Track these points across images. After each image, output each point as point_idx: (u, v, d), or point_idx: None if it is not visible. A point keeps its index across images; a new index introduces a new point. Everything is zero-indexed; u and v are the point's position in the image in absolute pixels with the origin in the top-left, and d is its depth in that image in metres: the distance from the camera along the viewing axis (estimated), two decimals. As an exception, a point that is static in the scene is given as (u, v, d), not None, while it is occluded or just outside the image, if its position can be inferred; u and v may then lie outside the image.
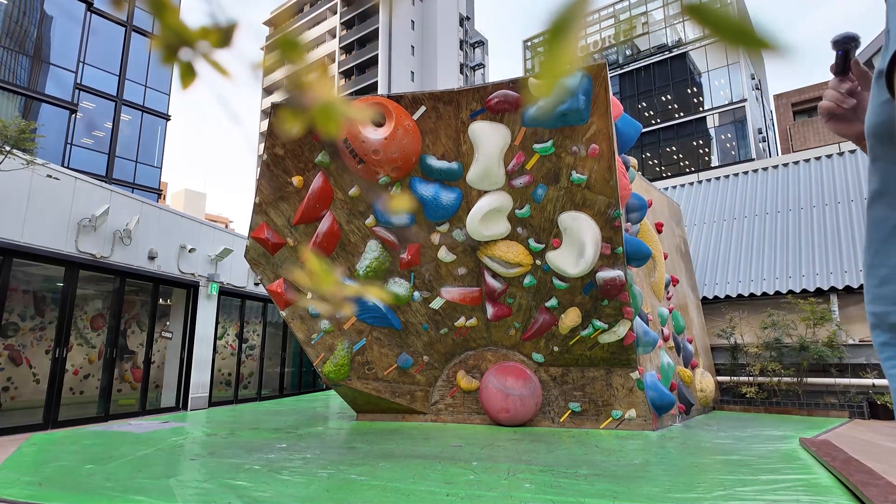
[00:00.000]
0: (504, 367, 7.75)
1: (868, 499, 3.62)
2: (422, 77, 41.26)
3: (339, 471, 4.81)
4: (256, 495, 3.96)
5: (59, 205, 7.98)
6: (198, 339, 10.65)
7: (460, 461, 5.22)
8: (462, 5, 45.61)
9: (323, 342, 8.05)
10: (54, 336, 8.00)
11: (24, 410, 7.76)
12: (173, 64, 0.55)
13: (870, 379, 8.87)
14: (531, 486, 4.23)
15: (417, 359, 8.09)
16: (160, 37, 0.52)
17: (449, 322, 7.84)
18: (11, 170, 7.10)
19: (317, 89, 0.54)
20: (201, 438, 6.80)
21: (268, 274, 7.98)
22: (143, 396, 9.56)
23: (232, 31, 0.53)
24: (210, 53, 0.53)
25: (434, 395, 8.27)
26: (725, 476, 4.63)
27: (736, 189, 13.04)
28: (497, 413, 7.59)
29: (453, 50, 43.33)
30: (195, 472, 4.88)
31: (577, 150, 6.58)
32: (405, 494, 4.00)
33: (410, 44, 41.50)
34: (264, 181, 7.57)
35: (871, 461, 4.92)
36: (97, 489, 4.12)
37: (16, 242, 7.35)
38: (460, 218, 7.22)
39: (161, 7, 0.50)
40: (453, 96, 6.75)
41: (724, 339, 10.47)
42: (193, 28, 0.52)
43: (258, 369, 12.73)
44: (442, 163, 7.03)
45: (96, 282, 9.09)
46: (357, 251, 7.70)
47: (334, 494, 4.02)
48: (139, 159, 21.09)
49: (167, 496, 3.92)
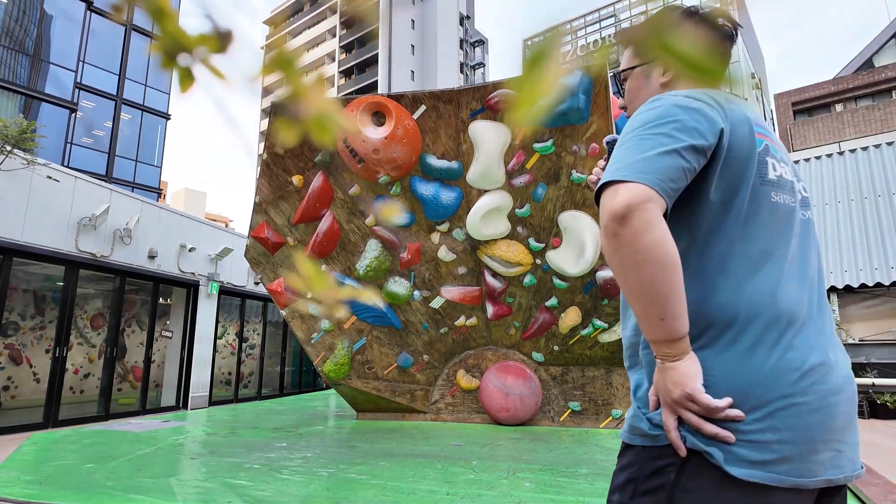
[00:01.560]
0: (504, 366, 7.76)
1: (868, 498, 3.62)
2: (422, 76, 41.24)
3: (339, 470, 4.82)
4: (256, 494, 3.97)
5: (59, 204, 7.98)
6: (198, 338, 10.65)
7: (460, 460, 5.22)
8: (462, 4, 45.57)
9: (323, 341, 8.05)
10: (54, 335, 8.01)
11: (24, 409, 7.77)
12: (172, 69, 0.55)
13: (870, 378, 8.88)
14: (531, 486, 4.24)
15: (417, 358, 8.09)
16: (159, 43, 0.52)
17: (449, 321, 7.84)
18: (12, 169, 7.11)
19: (311, 100, 0.54)
20: (201, 437, 6.81)
21: (268, 273, 7.99)
22: (144, 396, 9.57)
23: (229, 37, 0.53)
24: (208, 58, 0.54)
25: (434, 395, 8.27)
26: (725, 475, 4.63)
27: (736, 188, 13.03)
28: (497, 412, 7.60)
29: (453, 49, 43.29)
30: (195, 470, 4.89)
31: (577, 150, 6.58)
32: (405, 493, 4.01)
33: (410, 43, 41.46)
34: (264, 180, 7.57)
35: (871, 460, 4.93)
36: (98, 488, 4.13)
37: (16, 241, 7.36)
38: (460, 217, 7.23)
39: (160, 13, 0.50)
40: (453, 95, 6.75)
41: (724, 338, 10.48)
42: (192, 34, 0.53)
43: (258, 368, 12.74)
44: (442, 162, 7.03)
45: (96, 281, 9.10)
46: (357, 250, 7.70)
47: (334, 493, 4.03)
48: (139, 158, 21.09)
49: (167, 495, 3.93)
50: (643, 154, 0.90)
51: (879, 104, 15.68)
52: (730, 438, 0.86)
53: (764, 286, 0.92)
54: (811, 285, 0.97)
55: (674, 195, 0.90)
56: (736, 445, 0.86)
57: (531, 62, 0.50)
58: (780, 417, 0.86)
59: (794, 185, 1.01)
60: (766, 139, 1.00)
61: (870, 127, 15.17)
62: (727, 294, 0.92)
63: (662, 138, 0.91)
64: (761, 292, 0.91)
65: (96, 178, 9.12)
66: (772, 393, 0.87)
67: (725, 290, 0.92)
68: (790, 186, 1.00)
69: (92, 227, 8.37)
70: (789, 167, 1.03)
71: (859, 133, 15.18)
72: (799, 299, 0.93)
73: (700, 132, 0.92)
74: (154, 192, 21.25)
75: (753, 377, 0.88)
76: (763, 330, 0.90)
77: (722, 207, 0.94)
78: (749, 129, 0.97)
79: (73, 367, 8.50)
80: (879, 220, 10.07)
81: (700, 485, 0.87)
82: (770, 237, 0.94)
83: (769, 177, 0.97)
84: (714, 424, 0.87)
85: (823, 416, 0.87)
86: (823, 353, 0.91)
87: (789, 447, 0.86)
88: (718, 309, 0.92)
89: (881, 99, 17.18)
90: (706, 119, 0.93)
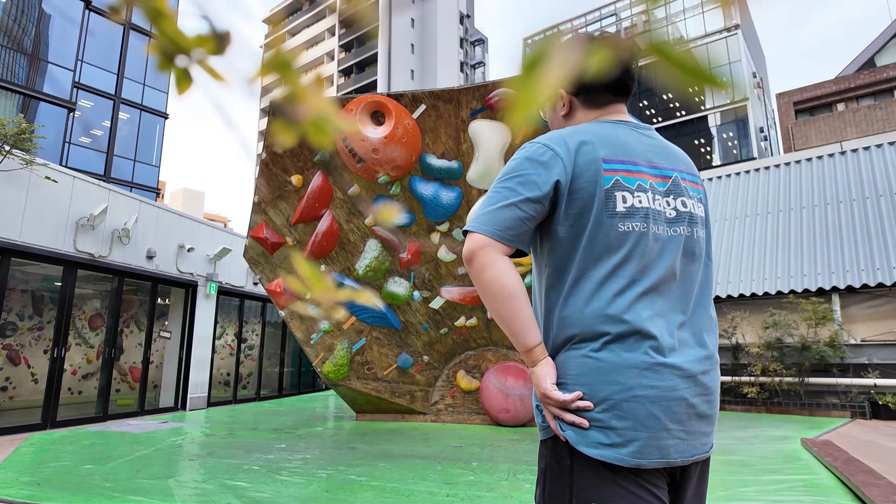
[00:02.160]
0: (504, 366, 7.73)
1: (870, 499, 3.61)
2: (422, 75, 41.20)
3: (338, 471, 4.80)
4: (255, 495, 3.95)
5: (57, 204, 7.95)
6: (196, 338, 10.62)
7: (460, 461, 5.20)
8: (462, 3, 45.53)
9: (322, 342, 8.03)
10: (53, 336, 7.98)
11: (22, 410, 7.74)
12: (170, 70, 0.53)
13: (872, 379, 8.86)
14: (531, 487, 4.21)
15: (417, 359, 8.07)
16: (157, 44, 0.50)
17: (449, 322, 7.82)
18: (10, 169, 7.07)
19: (309, 103, 0.52)
20: (200, 438, 6.79)
21: (267, 273, 7.96)
22: (142, 396, 9.54)
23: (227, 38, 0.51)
24: (206, 60, 0.51)
25: (434, 395, 8.25)
26: (726, 476, 4.62)
27: (737, 188, 13.02)
28: (497, 413, 7.58)
29: (453, 48, 43.26)
30: (194, 472, 4.87)
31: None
32: (405, 495, 3.98)
33: (410, 42, 41.42)
34: (263, 180, 7.54)
35: (873, 461, 4.91)
36: (96, 489, 4.11)
37: (14, 242, 7.32)
38: (460, 217, 7.20)
39: (158, 15, 0.48)
40: (453, 95, 6.73)
41: (725, 338, 10.45)
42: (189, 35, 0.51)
43: (257, 369, 12.72)
44: (442, 161, 7.01)
45: (95, 281, 9.07)
46: (357, 250, 7.68)
47: (334, 495, 4.00)
48: (137, 158, 21.04)
49: (166, 496, 3.91)
50: (488, 207, 1.15)
51: (881, 104, 15.66)
52: (583, 424, 1.07)
53: (605, 300, 1.11)
54: (670, 293, 1.15)
55: (515, 239, 1.13)
56: (590, 430, 1.06)
57: (528, 65, 0.51)
58: (623, 408, 1.05)
59: (656, 210, 1.17)
60: (618, 174, 1.15)
61: (871, 126, 15.15)
62: (579, 308, 1.12)
63: (506, 192, 1.15)
64: (604, 305, 1.11)
65: (94, 178, 9.08)
66: (614, 386, 1.06)
67: (578, 305, 1.13)
68: (645, 213, 1.15)
69: (90, 227, 8.34)
70: (651, 193, 1.17)
71: (861, 133, 15.16)
72: (645, 307, 1.11)
73: (538, 185, 1.14)
74: (152, 191, 21.21)
75: (599, 374, 1.08)
76: (608, 335, 1.09)
77: (571, 240, 1.15)
78: (595, 170, 1.14)
79: (71, 368, 8.48)
80: (881, 220, 10.05)
81: (583, 465, 1.08)
82: (617, 261, 1.12)
83: (617, 209, 1.13)
84: (572, 414, 1.08)
85: (661, 408, 1.06)
86: (667, 354, 1.09)
87: (632, 433, 1.05)
88: (574, 320, 1.12)
89: (883, 98, 17.16)
90: (546, 171, 1.14)
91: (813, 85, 18.61)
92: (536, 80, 0.51)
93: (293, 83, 0.52)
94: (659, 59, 0.51)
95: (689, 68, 0.51)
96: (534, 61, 0.51)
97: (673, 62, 0.51)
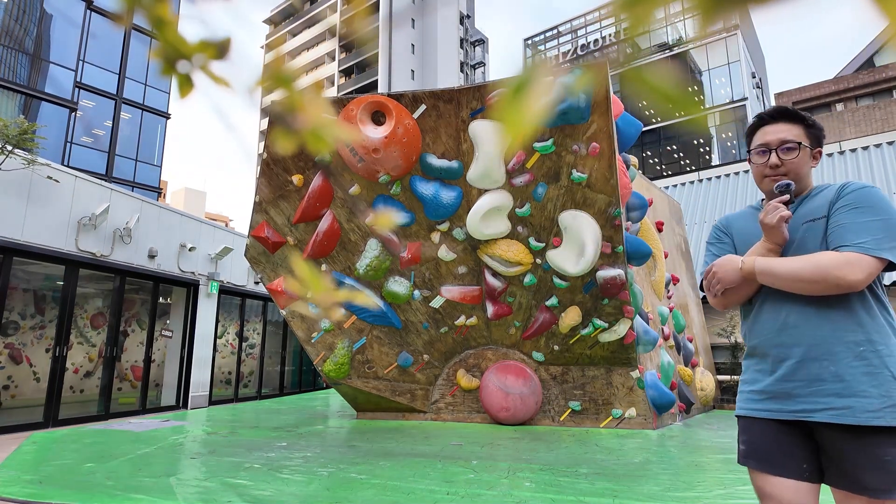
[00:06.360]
0: (504, 365, 7.76)
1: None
2: (422, 75, 41.20)
3: (339, 469, 4.82)
4: (257, 494, 3.97)
5: (59, 203, 7.98)
6: (198, 337, 10.66)
7: (460, 460, 5.23)
8: (462, 3, 45.53)
9: (323, 341, 8.06)
10: (54, 335, 8.01)
11: (24, 409, 7.77)
12: (172, 75, 0.55)
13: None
14: (531, 485, 4.24)
15: (417, 357, 8.09)
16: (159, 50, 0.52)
17: (449, 321, 7.84)
18: (12, 169, 7.10)
19: (308, 113, 0.54)
20: (201, 437, 6.82)
21: (268, 272, 7.99)
22: (144, 395, 9.57)
23: (227, 44, 0.53)
24: (207, 65, 0.54)
25: (434, 394, 8.28)
26: (725, 475, 4.64)
27: (737, 188, 13.04)
28: (497, 412, 7.60)
29: (454, 48, 43.26)
30: (195, 470, 4.90)
31: (577, 149, 6.58)
32: (405, 493, 4.01)
33: (410, 42, 41.43)
34: (264, 180, 7.57)
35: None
36: (98, 487, 4.14)
37: (16, 241, 7.36)
38: (460, 216, 7.22)
39: (159, 21, 0.50)
40: (454, 95, 6.75)
41: (724, 337, 10.47)
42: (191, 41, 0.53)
43: (258, 368, 12.75)
44: (442, 161, 7.03)
45: (96, 280, 9.10)
46: (357, 250, 7.70)
47: (334, 493, 4.03)
48: (139, 158, 21.08)
49: (167, 494, 3.93)
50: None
51: (880, 103, 15.67)
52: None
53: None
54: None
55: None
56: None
57: (514, 91, 0.52)
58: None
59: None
60: None
61: (870, 126, 15.16)
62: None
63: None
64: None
65: (96, 178, 9.11)
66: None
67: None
68: None
69: (92, 227, 8.37)
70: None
71: (860, 132, 15.16)
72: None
73: None
74: (154, 191, 21.25)
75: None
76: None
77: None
78: None
79: (73, 367, 8.51)
80: (880, 220, 10.06)
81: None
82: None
83: None
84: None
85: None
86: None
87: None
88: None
89: (882, 98, 17.16)
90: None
91: (812, 85, 18.61)
92: (521, 105, 0.52)
93: (294, 97, 0.54)
94: (635, 84, 0.54)
95: (662, 93, 0.54)
96: (519, 86, 0.52)
97: (646, 86, 0.54)
